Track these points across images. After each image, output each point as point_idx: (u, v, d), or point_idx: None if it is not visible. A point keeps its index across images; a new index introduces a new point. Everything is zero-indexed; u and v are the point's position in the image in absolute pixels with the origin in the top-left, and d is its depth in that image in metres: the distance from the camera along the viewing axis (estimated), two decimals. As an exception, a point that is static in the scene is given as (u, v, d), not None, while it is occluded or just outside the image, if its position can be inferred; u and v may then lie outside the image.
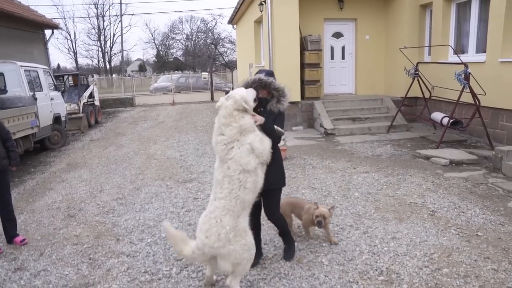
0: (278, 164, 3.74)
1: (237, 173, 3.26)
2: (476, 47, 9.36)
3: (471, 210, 5.10)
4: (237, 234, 3.23)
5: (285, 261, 4.00)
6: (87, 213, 5.66)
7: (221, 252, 3.19)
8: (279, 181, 3.81)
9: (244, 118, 3.36)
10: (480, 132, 8.66)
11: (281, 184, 3.85)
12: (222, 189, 3.28)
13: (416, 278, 3.62)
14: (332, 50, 12.54)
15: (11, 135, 4.86)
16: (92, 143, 11.33)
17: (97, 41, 48.19)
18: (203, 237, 3.23)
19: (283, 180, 3.86)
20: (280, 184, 3.83)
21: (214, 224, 3.21)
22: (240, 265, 3.26)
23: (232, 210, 3.23)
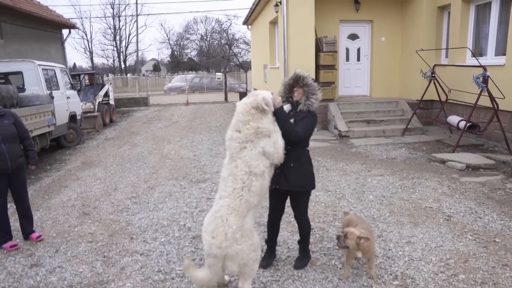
0: (306, 167, 3.71)
1: (242, 173, 3.23)
2: (496, 50, 9.20)
3: (489, 215, 5.01)
4: (244, 234, 3.18)
5: (295, 269, 3.88)
6: (101, 211, 5.72)
7: (229, 252, 3.12)
8: (307, 184, 3.73)
9: (263, 120, 3.32)
10: (498, 137, 8.51)
11: (309, 187, 3.76)
12: (226, 187, 3.26)
13: (431, 284, 3.57)
14: (347, 52, 12.46)
15: (29, 133, 4.93)
16: (106, 141, 11.44)
17: (113, 40, 48.78)
18: (210, 238, 3.16)
19: (311, 182, 3.76)
20: (308, 187, 3.75)
21: (220, 223, 3.15)
22: (247, 266, 3.21)
23: (237, 209, 3.19)
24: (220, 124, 13.53)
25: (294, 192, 3.74)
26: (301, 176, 3.65)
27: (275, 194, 3.82)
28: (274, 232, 4.01)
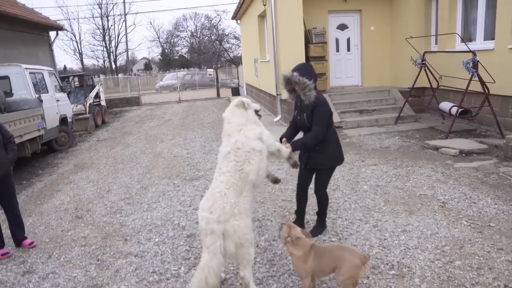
0: (331, 146, 4.07)
1: (245, 148, 3.34)
2: (484, 35, 9.17)
3: (483, 200, 5.01)
4: (241, 211, 3.15)
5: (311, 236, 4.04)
6: (94, 214, 5.66)
7: (227, 228, 3.06)
8: (330, 162, 4.15)
9: (247, 112, 3.56)
10: (490, 121, 8.51)
11: (332, 164, 4.17)
12: (227, 162, 3.30)
13: (428, 272, 3.55)
14: (337, 43, 12.40)
15: (13, 138, 4.82)
16: (99, 143, 11.36)
17: (102, 41, 48.35)
18: (207, 214, 3.08)
19: (334, 160, 4.16)
20: (329, 164, 4.16)
21: (219, 197, 3.13)
22: (244, 247, 3.14)
23: (236, 184, 3.20)
24: (213, 121, 13.46)
25: (318, 169, 4.19)
26: (326, 155, 4.07)
27: (303, 169, 4.29)
28: (303, 200, 4.42)
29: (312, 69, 4.01)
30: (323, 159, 4.09)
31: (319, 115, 3.92)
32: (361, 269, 3.00)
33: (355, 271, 2.98)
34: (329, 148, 4.09)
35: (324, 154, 4.06)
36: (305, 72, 3.88)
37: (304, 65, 4.10)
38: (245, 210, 3.24)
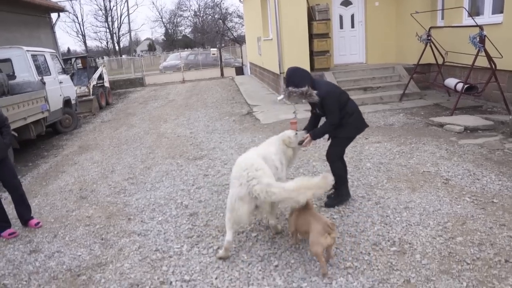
0: (344, 120, 4.22)
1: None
2: (493, 8, 8.96)
3: (487, 177, 4.97)
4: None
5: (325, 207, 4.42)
6: (99, 194, 5.71)
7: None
8: (340, 132, 4.30)
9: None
10: (497, 97, 8.39)
11: (341, 134, 4.32)
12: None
13: (429, 248, 3.56)
14: (341, 19, 12.19)
15: (8, 122, 4.80)
16: (103, 124, 11.38)
17: (105, 22, 48.09)
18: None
19: (344, 131, 4.29)
20: (338, 134, 4.32)
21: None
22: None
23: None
24: (217, 100, 13.41)
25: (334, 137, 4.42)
26: (339, 127, 4.25)
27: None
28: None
29: (301, 72, 4.15)
30: (337, 131, 4.30)
31: (327, 106, 4.14)
32: (325, 237, 3.19)
33: (318, 238, 3.19)
34: (350, 120, 4.26)
35: (347, 126, 4.27)
36: (296, 80, 4.08)
37: (292, 73, 4.18)
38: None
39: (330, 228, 3.20)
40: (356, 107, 4.36)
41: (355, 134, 4.46)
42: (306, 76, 4.12)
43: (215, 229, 4.29)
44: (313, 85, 4.10)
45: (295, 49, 10.72)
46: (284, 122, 8.73)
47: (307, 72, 4.20)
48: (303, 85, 4.02)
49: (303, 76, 4.11)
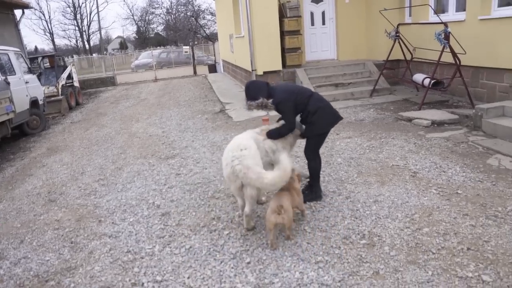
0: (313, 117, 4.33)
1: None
2: (456, 6, 9.22)
3: (452, 169, 5.13)
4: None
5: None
6: (68, 197, 5.59)
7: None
8: (306, 131, 4.48)
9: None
10: (461, 92, 8.65)
11: (314, 133, 4.43)
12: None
13: (397, 240, 3.65)
14: (312, 16, 12.29)
15: None
16: (73, 125, 11.13)
17: (73, 20, 46.90)
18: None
19: (316, 130, 4.40)
20: (313, 132, 4.43)
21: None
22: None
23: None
24: (189, 99, 13.31)
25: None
26: (307, 127, 4.45)
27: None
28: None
29: (256, 85, 4.44)
30: (310, 129, 4.43)
31: (282, 112, 4.37)
32: (271, 215, 3.56)
33: (268, 215, 3.60)
34: (314, 119, 4.34)
35: (311, 124, 4.37)
36: (252, 93, 4.33)
37: (249, 87, 4.43)
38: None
39: (279, 210, 3.54)
40: (319, 105, 4.35)
41: (323, 130, 4.47)
42: (262, 87, 4.35)
43: (187, 228, 4.28)
44: (270, 93, 4.32)
45: (267, 46, 10.75)
46: (256, 119, 8.74)
47: (263, 83, 4.44)
48: (258, 97, 4.29)
49: (258, 88, 4.36)
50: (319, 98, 4.43)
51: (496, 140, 6.06)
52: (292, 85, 4.67)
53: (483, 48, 8.03)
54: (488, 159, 5.36)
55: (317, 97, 4.42)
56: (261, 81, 4.61)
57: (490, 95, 8.13)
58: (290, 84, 4.66)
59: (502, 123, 6.21)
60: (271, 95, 4.32)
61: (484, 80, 8.30)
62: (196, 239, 4.02)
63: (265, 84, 4.44)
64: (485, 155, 5.52)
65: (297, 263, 3.44)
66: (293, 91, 4.39)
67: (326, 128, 4.48)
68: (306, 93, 4.42)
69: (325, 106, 4.40)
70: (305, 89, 4.57)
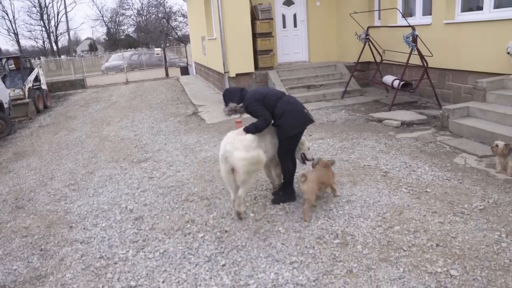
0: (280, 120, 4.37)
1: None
2: (423, 10, 9.49)
3: (421, 168, 5.28)
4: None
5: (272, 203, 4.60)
6: (37, 203, 5.44)
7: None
8: (279, 133, 4.48)
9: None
10: (429, 93, 8.91)
11: (283, 135, 4.44)
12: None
13: (369, 238, 3.72)
14: (284, 18, 12.39)
15: None
16: (41, 129, 10.83)
17: (40, 20, 45.61)
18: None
19: (284, 133, 4.41)
20: (282, 135, 4.45)
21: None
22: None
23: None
24: (161, 101, 13.17)
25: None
26: (279, 129, 4.46)
27: None
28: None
29: (230, 91, 4.64)
30: (279, 132, 4.47)
31: (252, 113, 4.42)
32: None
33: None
34: (280, 122, 4.37)
35: (280, 127, 4.41)
36: (227, 99, 4.55)
37: (224, 95, 4.65)
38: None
39: (302, 178, 4.15)
40: (285, 108, 4.34)
41: (289, 133, 4.39)
42: (235, 93, 4.55)
43: (161, 232, 4.23)
44: (242, 98, 4.49)
45: (239, 48, 10.76)
46: (229, 121, 8.73)
47: (236, 90, 4.64)
48: (231, 102, 4.50)
49: (231, 94, 4.57)
50: (287, 101, 4.43)
51: (462, 139, 6.27)
52: (264, 88, 4.79)
53: (448, 51, 8.30)
54: (455, 158, 5.54)
55: (285, 100, 4.44)
56: (235, 87, 4.80)
57: (456, 96, 8.41)
58: (262, 88, 4.78)
59: (467, 123, 6.43)
60: (242, 100, 4.46)
61: (450, 82, 8.58)
62: (170, 243, 3.99)
63: (239, 90, 4.60)
64: (452, 154, 5.70)
65: (272, 264, 3.46)
66: (262, 93, 4.45)
67: (292, 131, 4.39)
68: (276, 95, 4.45)
69: (291, 109, 4.36)
70: (276, 92, 4.60)
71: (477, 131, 6.15)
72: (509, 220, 3.83)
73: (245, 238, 3.92)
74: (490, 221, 3.82)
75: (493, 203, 4.17)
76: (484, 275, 3.09)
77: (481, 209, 4.07)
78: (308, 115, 4.48)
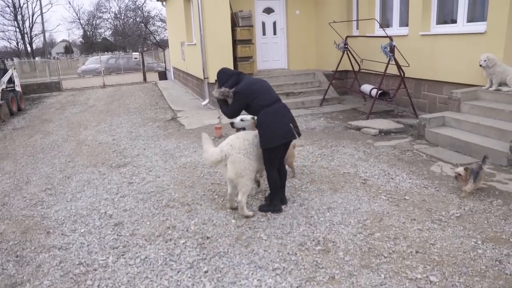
0: (259, 129, 4.34)
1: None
2: (400, 21, 9.75)
3: (399, 176, 5.39)
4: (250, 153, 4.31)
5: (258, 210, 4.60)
6: (12, 208, 5.29)
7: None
8: (261, 143, 4.35)
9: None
10: (406, 102, 9.13)
11: (261, 145, 4.34)
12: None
13: (351, 245, 3.78)
14: (263, 26, 12.49)
15: None
16: (15, 132, 10.54)
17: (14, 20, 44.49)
18: (228, 146, 4.28)
19: (262, 143, 4.32)
20: (260, 145, 4.35)
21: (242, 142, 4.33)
22: (243, 178, 4.23)
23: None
24: (140, 106, 13.03)
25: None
26: (260, 137, 4.35)
27: None
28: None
29: (224, 72, 4.57)
30: (259, 140, 4.37)
31: (233, 100, 4.43)
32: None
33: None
34: (260, 131, 4.34)
35: (260, 136, 4.36)
36: (220, 80, 4.52)
37: (218, 74, 4.61)
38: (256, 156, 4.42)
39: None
40: (264, 120, 4.25)
41: (264, 146, 4.29)
42: (230, 76, 4.48)
43: (142, 238, 4.19)
44: (238, 82, 4.42)
45: (219, 54, 10.77)
46: (208, 127, 8.73)
47: (233, 72, 4.57)
48: (224, 86, 4.44)
49: (227, 76, 4.51)
50: (271, 112, 4.28)
51: (438, 148, 6.45)
52: (262, 87, 4.41)
53: (424, 61, 8.55)
54: (431, 166, 5.69)
55: (273, 109, 4.29)
56: (233, 70, 4.67)
57: (431, 106, 8.65)
58: (261, 85, 4.42)
59: (443, 132, 6.62)
60: (237, 84, 4.39)
61: (426, 92, 8.82)
62: (152, 249, 3.95)
63: (236, 74, 4.50)
64: (429, 163, 5.86)
65: (255, 271, 3.47)
66: (255, 92, 4.32)
67: (268, 144, 4.26)
68: (264, 101, 4.29)
69: (272, 122, 4.23)
70: (268, 97, 4.36)
71: (452, 140, 6.34)
72: (484, 227, 3.96)
73: (227, 245, 3.92)
74: (467, 228, 3.94)
75: (468, 211, 4.30)
76: (462, 281, 3.18)
77: (457, 216, 4.19)
78: (290, 131, 4.34)
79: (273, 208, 4.55)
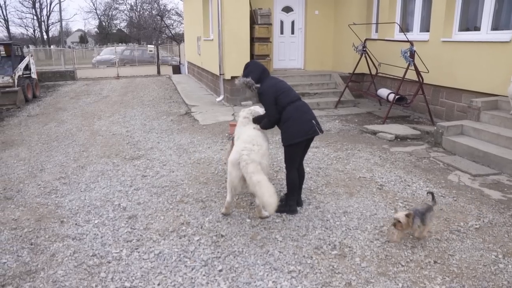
0: (283, 125, 4.36)
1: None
2: (421, 26, 9.62)
3: (416, 183, 5.32)
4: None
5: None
6: (26, 195, 5.30)
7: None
8: (282, 139, 4.41)
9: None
10: (422, 108, 9.02)
11: (284, 142, 4.40)
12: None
13: (367, 251, 3.72)
14: (282, 25, 12.43)
15: None
16: (30, 118, 10.61)
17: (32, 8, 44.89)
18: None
19: (284, 139, 4.37)
20: (283, 142, 4.41)
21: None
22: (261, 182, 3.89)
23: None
24: (153, 98, 13.05)
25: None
26: (282, 134, 4.41)
27: None
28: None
29: (254, 65, 4.58)
30: (282, 137, 4.42)
31: (262, 102, 4.45)
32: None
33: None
34: (284, 127, 4.36)
35: (282, 133, 4.39)
36: (247, 71, 4.50)
37: (248, 64, 4.61)
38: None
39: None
40: (291, 115, 4.27)
41: (289, 142, 4.32)
42: (256, 69, 4.47)
43: (156, 232, 4.17)
44: (262, 79, 4.43)
45: (236, 51, 10.73)
46: (223, 124, 8.70)
47: (261, 67, 4.55)
48: (247, 76, 4.43)
49: (254, 68, 4.50)
50: (298, 108, 4.33)
51: (455, 157, 6.35)
52: (283, 82, 4.53)
53: (444, 68, 8.43)
54: (448, 175, 5.60)
55: (296, 106, 4.33)
56: (261, 64, 4.67)
57: (449, 113, 8.53)
58: (281, 81, 4.54)
59: (461, 141, 6.51)
60: (261, 81, 4.41)
61: (444, 99, 8.71)
62: (165, 244, 3.92)
63: (261, 69, 4.51)
64: (446, 171, 5.77)
65: (270, 272, 3.43)
66: (279, 89, 4.35)
67: (292, 140, 4.29)
68: (289, 97, 4.34)
69: (297, 118, 4.27)
70: (292, 94, 4.43)
71: (470, 149, 6.24)
72: (504, 241, 3.88)
73: (242, 244, 3.88)
74: (486, 241, 3.87)
75: (488, 223, 4.22)
76: (482, 295, 3.12)
77: (476, 228, 4.12)
78: (314, 127, 4.37)
79: (288, 208, 4.50)
